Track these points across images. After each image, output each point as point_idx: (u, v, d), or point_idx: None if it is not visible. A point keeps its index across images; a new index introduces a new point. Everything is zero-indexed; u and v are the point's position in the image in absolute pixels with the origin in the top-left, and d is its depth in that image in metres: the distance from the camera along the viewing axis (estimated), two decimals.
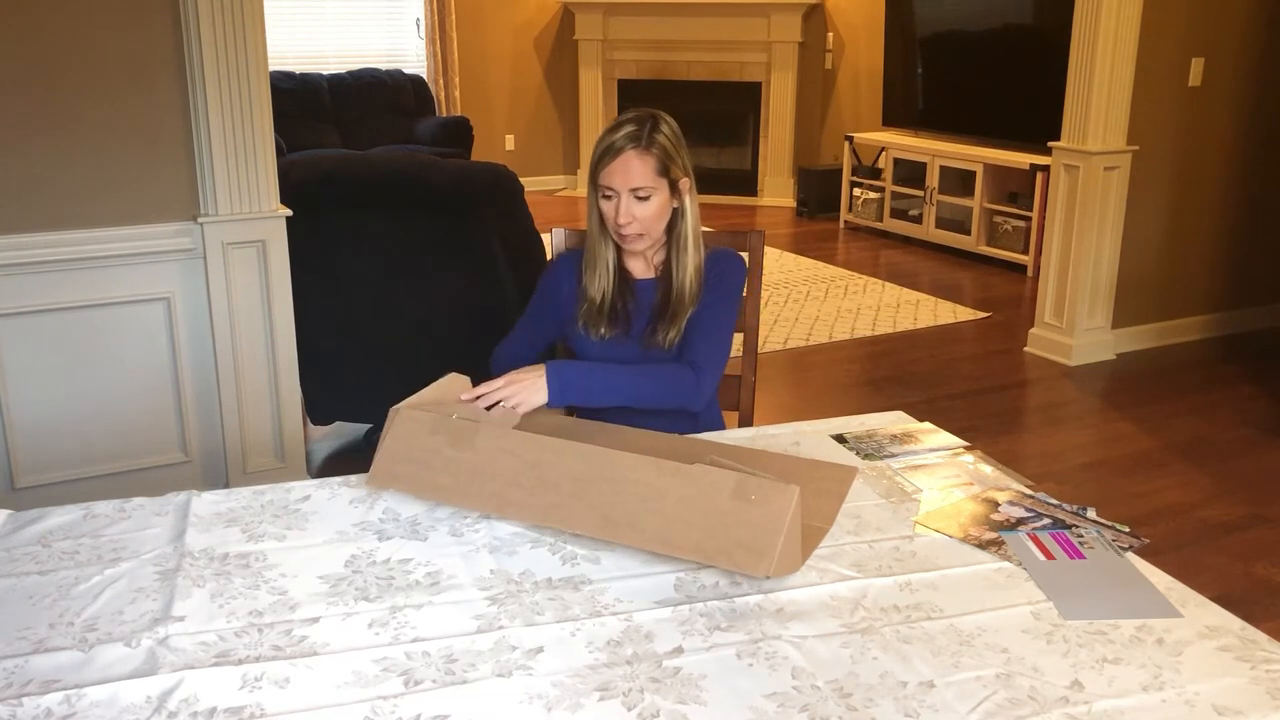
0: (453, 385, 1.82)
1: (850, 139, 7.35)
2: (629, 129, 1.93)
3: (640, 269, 2.07)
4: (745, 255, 2.16)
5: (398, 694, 1.20)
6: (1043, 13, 6.19)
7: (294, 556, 1.50)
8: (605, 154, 1.93)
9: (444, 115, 7.93)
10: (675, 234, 2.01)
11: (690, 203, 2.00)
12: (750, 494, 1.42)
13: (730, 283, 2.05)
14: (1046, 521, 1.61)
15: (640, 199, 1.93)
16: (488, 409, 1.80)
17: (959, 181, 6.49)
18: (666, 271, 2.03)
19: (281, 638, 1.30)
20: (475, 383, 1.84)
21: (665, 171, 1.94)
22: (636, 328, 2.04)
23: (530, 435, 1.62)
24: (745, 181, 8.23)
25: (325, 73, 7.60)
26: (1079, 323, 4.53)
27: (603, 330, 2.02)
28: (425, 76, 7.97)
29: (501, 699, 1.19)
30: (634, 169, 1.92)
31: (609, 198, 1.95)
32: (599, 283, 2.02)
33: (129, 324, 2.91)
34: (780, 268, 6.23)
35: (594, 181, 1.97)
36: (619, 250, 2.03)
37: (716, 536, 1.41)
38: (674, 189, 1.97)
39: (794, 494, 1.40)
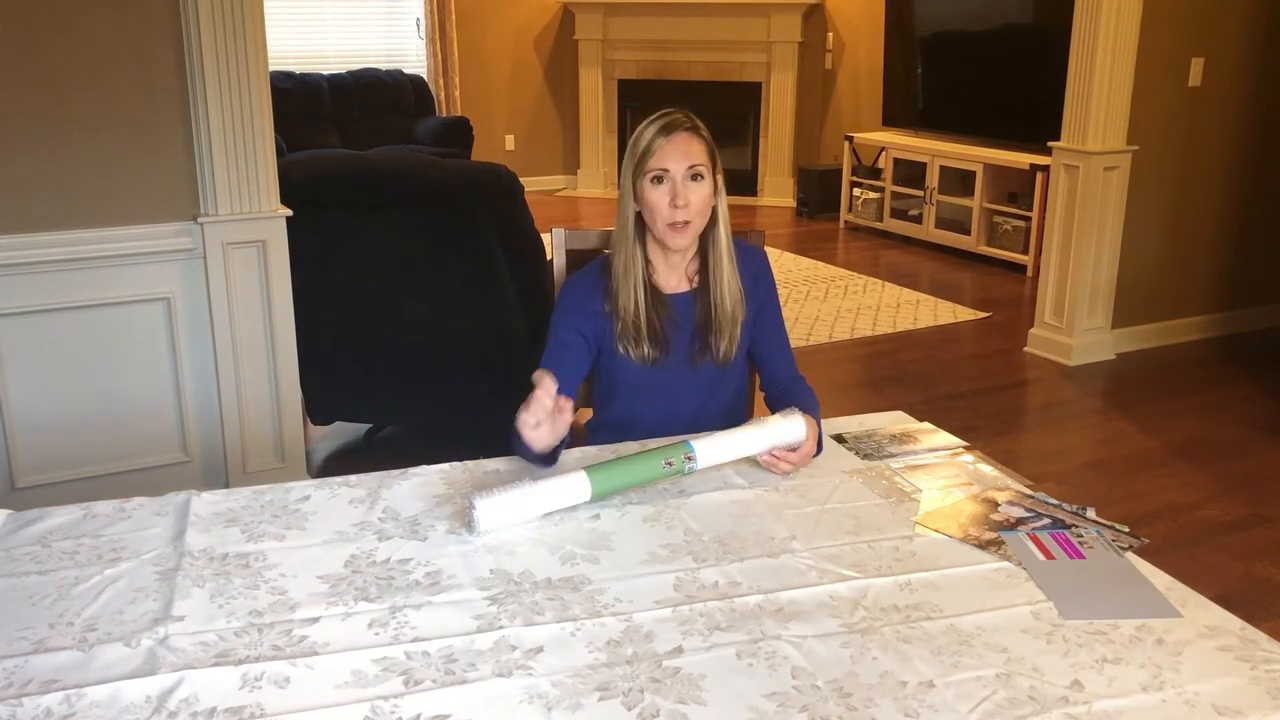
0: None
1: (850, 139, 7.34)
2: (676, 114, 1.88)
3: (672, 283, 1.98)
4: None
5: (398, 694, 1.20)
6: (1043, 13, 6.19)
7: (294, 556, 1.50)
8: (659, 134, 1.86)
9: (444, 115, 7.93)
10: (711, 239, 1.94)
11: (722, 204, 1.95)
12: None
13: (772, 283, 2.08)
14: (1046, 521, 1.61)
15: (695, 179, 1.86)
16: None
17: (959, 181, 6.49)
18: (704, 281, 1.97)
19: (281, 638, 1.30)
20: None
21: (712, 158, 1.90)
22: (678, 345, 1.97)
23: None
24: (745, 181, 8.22)
25: (325, 73, 7.59)
26: (1079, 323, 4.53)
27: (645, 351, 1.93)
28: (425, 76, 7.96)
29: (501, 699, 1.19)
30: (692, 147, 1.86)
31: (660, 180, 1.86)
32: (631, 294, 1.92)
33: (129, 324, 2.91)
34: (780, 268, 6.22)
35: (639, 173, 1.87)
36: (648, 263, 1.95)
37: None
38: (714, 183, 1.92)
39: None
